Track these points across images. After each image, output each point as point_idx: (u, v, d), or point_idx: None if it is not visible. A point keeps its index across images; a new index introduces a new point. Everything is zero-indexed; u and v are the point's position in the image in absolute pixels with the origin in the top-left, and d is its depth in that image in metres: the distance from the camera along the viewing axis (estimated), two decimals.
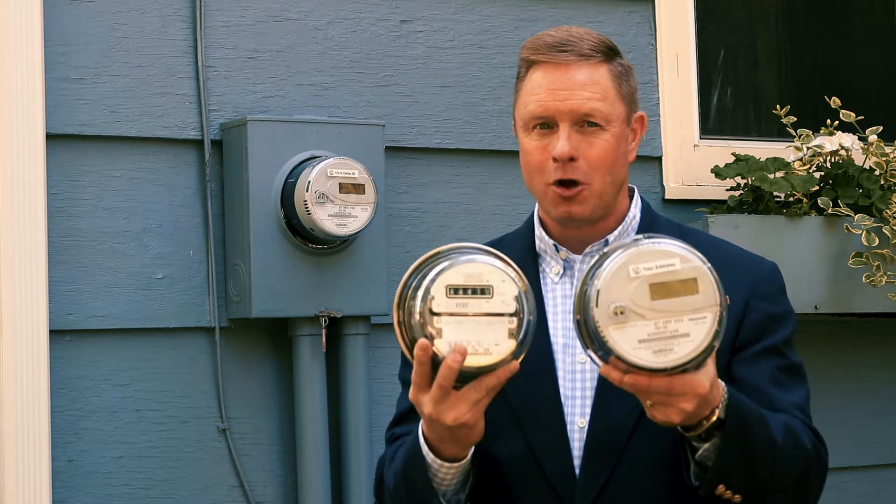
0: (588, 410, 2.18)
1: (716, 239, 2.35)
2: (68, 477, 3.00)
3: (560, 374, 2.20)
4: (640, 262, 1.93)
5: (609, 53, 2.23)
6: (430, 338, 1.97)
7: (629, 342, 1.92)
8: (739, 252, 2.30)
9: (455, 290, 1.98)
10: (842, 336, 3.69)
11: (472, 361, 1.97)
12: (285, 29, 3.23)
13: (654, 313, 1.92)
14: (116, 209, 3.07)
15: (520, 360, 2.01)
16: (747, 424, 2.04)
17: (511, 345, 1.98)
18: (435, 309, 1.97)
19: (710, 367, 1.98)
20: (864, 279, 3.36)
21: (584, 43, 2.21)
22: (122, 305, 3.06)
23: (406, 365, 2.26)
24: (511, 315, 1.98)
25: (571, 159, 2.18)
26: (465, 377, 1.99)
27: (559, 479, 2.16)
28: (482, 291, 1.98)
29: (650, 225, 2.27)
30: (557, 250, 2.26)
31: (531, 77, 2.23)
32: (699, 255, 1.95)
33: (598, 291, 1.93)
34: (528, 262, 2.25)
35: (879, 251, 3.37)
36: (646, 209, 2.30)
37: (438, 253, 2.05)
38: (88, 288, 3.03)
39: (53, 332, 2.98)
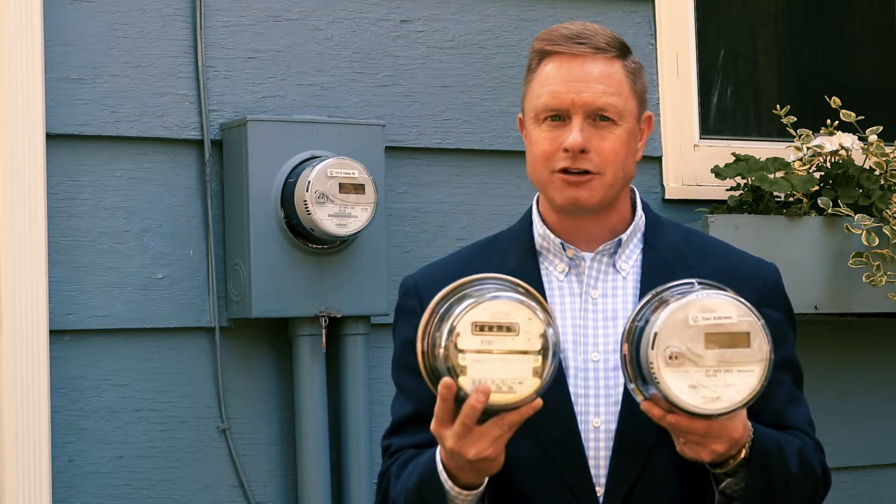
0: (602, 409, 2.17)
1: (717, 241, 2.35)
2: (68, 477, 3.00)
3: (571, 372, 2.18)
4: (699, 311, 2.01)
5: (624, 50, 2.22)
6: (455, 374, 1.99)
7: (680, 386, 2.00)
8: (742, 256, 2.31)
9: (481, 328, 1.99)
10: (842, 336, 3.68)
11: (496, 399, 1.99)
12: (285, 29, 3.23)
13: (706, 361, 2.01)
14: (116, 209, 3.07)
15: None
16: (770, 461, 2.12)
17: (535, 383, 2.00)
18: (460, 346, 1.99)
19: (743, 411, 2.06)
20: (864, 279, 3.36)
21: (600, 37, 2.20)
22: (122, 305, 3.06)
23: (404, 370, 2.25)
24: (536, 353, 2.00)
25: (583, 151, 2.15)
26: (489, 413, 2.01)
27: (576, 480, 2.15)
28: (508, 329, 1.99)
29: (655, 224, 2.27)
30: (564, 248, 2.23)
31: (544, 68, 2.20)
32: (754, 310, 2.03)
33: (656, 334, 2.01)
34: (529, 261, 2.23)
35: (879, 251, 3.37)
36: (647, 209, 2.29)
37: (465, 284, 2.07)
38: (88, 288, 3.03)
39: (53, 332, 2.98)
